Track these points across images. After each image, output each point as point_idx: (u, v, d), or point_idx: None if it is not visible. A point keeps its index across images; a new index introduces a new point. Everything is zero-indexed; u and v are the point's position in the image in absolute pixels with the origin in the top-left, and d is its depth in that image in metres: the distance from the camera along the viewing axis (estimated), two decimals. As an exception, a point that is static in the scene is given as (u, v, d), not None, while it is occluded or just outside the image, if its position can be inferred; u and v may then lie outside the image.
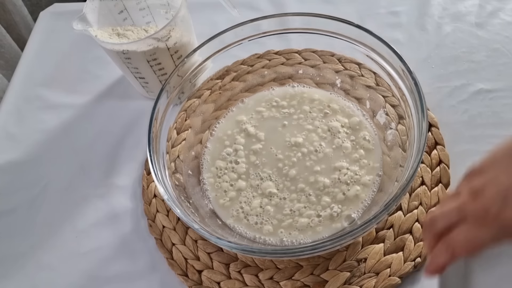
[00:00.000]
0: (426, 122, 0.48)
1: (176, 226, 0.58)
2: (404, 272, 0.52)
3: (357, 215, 0.54)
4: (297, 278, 0.53)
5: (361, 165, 0.57)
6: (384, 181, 0.55)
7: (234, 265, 0.55)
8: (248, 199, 0.56)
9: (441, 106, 0.64)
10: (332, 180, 0.56)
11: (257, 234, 0.54)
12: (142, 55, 0.60)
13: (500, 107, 0.62)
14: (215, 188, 0.58)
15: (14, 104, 0.73)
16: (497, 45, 0.68)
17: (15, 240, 0.60)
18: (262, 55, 0.67)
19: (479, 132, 0.61)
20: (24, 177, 0.65)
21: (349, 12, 0.75)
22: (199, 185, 0.59)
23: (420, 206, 0.55)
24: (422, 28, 0.72)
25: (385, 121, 0.59)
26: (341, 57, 0.63)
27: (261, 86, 0.66)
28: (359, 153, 0.58)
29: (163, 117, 0.56)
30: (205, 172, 0.59)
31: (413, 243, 0.53)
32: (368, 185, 0.55)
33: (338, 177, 0.56)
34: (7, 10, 0.89)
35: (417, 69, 0.52)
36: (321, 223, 0.53)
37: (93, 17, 0.61)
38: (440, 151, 0.59)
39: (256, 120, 0.62)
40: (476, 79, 0.65)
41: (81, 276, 0.57)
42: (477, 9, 0.72)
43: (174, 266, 0.55)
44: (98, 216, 0.61)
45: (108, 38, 0.61)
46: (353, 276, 0.52)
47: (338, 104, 0.62)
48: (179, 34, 0.61)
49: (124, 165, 0.65)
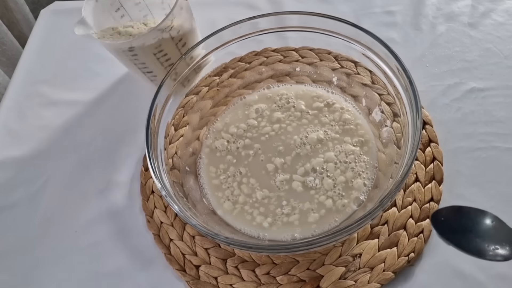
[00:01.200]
0: (420, 120, 0.48)
1: (174, 222, 0.58)
2: (398, 266, 0.52)
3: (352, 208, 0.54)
4: (293, 273, 0.54)
5: (356, 161, 0.57)
6: (379, 177, 0.56)
7: (231, 260, 0.55)
8: (246, 195, 0.57)
9: (435, 104, 0.64)
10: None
11: (255, 230, 0.55)
12: (149, 49, 0.60)
13: (492, 105, 0.63)
14: (213, 184, 0.59)
15: (15, 100, 0.73)
16: (489, 45, 0.69)
17: (15, 235, 0.61)
18: (260, 53, 0.67)
19: (472, 129, 0.62)
20: (24, 173, 0.66)
21: (346, 11, 0.75)
22: (197, 181, 0.59)
23: (414, 202, 0.56)
24: (416, 28, 0.73)
25: (381, 119, 0.59)
26: (337, 55, 0.64)
27: (258, 83, 0.66)
28: (354, 150, 0.58)
29: (161, 113, 0.56)
30: (202, 168, 0.60)
31: (407, 238, 0.54)
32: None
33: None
34: (9, 8, 0.90)
35: (412, 67, 0.53)
36: (317, 219, 0.54)
37: (92, 19, 0.61)
38: (433, 148, 0.60)
39: (255, 116, 0.63)
40: (468, 78, 0.66)
41: (80, 271, 0.58)
42: (470, 9, 0.73)
43: (172, 262, 0.56)
44: (97, 211, 0.62)
45: (110, 38, 0.62)
46: (348, 271, 0.53)
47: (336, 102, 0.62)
48: (181, 21, 0.61)
49: (123, 161, 0.65)
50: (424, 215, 0.55)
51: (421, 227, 0.54)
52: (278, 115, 0.62)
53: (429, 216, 0.55)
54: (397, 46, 0.68)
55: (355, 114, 0.61)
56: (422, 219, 0.55)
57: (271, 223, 0.55)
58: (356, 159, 0.57)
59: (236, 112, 0.64)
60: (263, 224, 0.55)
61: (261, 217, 0.55)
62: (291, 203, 0.55)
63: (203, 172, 0.60)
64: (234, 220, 0.56)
